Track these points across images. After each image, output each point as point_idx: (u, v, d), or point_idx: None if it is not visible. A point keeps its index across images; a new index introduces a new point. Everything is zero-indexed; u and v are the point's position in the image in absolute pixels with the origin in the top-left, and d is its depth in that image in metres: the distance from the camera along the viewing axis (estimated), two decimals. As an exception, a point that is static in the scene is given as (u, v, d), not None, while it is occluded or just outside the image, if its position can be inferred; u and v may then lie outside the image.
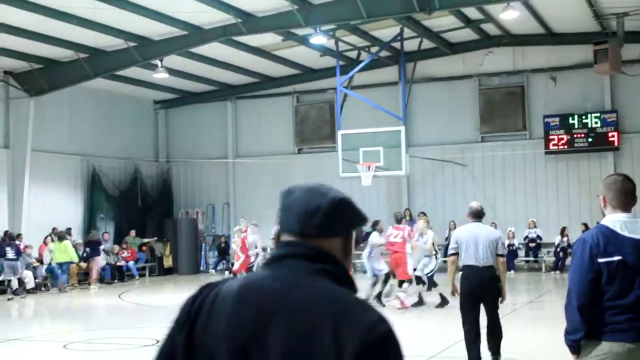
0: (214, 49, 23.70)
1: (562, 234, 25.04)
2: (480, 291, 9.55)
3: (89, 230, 26.92)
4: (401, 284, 16.53)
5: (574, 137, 25.59)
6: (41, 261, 23.54)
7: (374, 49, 24.88)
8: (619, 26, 22.21)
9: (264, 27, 21.60)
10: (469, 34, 25.22)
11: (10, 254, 21.52)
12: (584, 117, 25.48)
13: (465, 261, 9.63)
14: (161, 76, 24.74)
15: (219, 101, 30.59)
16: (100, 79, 24.64)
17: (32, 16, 19.57)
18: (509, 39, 25.51)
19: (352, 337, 1.89)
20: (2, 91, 24.64)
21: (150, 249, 28.61)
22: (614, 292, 4.56)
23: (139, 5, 19.73)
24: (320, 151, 28.80)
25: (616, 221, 4.68)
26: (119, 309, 19.70)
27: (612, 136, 25.19)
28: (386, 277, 16.89)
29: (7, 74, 24.55)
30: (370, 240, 17.09)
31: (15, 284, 21.52)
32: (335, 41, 23.76)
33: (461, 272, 9.87)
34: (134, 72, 25.50)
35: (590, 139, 25.44)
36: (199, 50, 23.70)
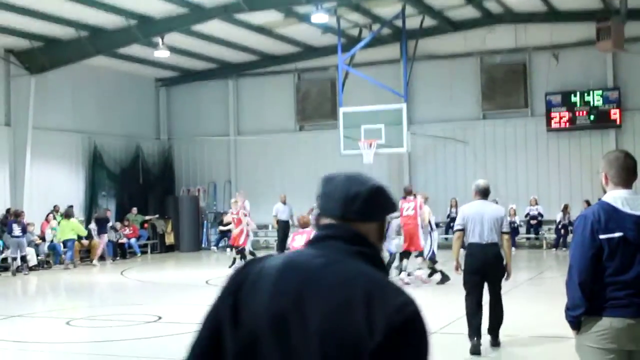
0: (215, 27, 23.62)
1: (564, 211, 25.07)
2: (484, 269, 9.55)
3: (91, 207, 27.01)
4: (402, 258, 16.62)
5: (576, 114, 25.57)
6: (43, 238, 23.60)
7: (375, 27, 24.80)
8: (622, 3, 22.11)
9: (266, 5, 21.54)
10: (470, 12, 25.10)
11: (17, 230, 21.62)
12: (586, 94, 25.44)
13: (470, 239, 9.62)
14: (162, 54, 24.71)
15: (220, 79, 30.53)
16: (101, 57, 24.60)
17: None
18: (511, 16, 25.39)
19: (382, 317, 2.02)
20: (3, 69, 24.60)
21: (152, 226, 28.68)
22: (614, 268, 4.57)
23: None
24: (321, 129, 28.78)
25: (617, 197, 4.69)
26: (121, 285, 19.79)
27: (614, 113, 25.17)
28: (392, 258, 16.98)
29: (8, 52, 24.49)
30: None
31: (18, 261, 21.63)
32: (336, 19, 23.68)
33: (465, 250, 9.89)
34: (135, 50, 25.46)
35: (592, 117, 25.42)
36: (200, 28, 23.62)
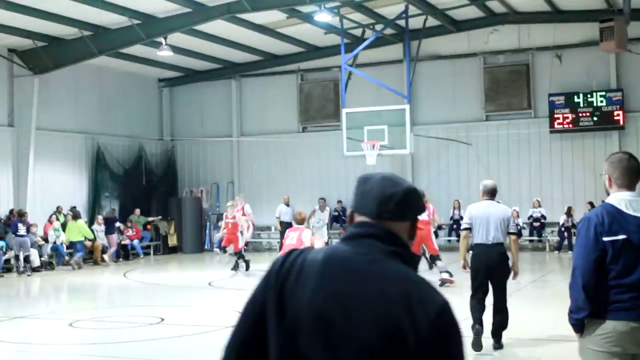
0: (218, 27, 23.62)
1: (568, 213, 25.00)
2: (489, 269, 9.57)
3: (94, 208, 27.00)
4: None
5: (579, 115, 25.51)
6: (46, 240, 23.60)
7: (378, 27, 24.77)
8: (626, 3, 22.03)
9: (268, 4, 21.52)
10: (474, 12, 25.09)
11: (22, 230, 21.73)
12: (589, 95, 25.39)
13: (476, 239, 9.66)
14: (165, 54, 24.74)
15: (223, 79, 30.51)
16: (104, 57, 24.59)
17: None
18: (514, 16, 25.36)
19: (424, 315, 2.16)
20: (6, 69, 24.61)
21: (154, 228, 28.68)
22: (618, 271, 4.55)
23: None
24: (324, 129, 28.74)
25: (621, 200, 4.67)
26: (124, 287, 19.77)
27: (618, 115, 25.11)
28: None
29: (11, 51, 24.50)
30: None
31: (22, 262, 21.64)
32: (339, 19, 23.66)
33: (471, 251, 9.89)
34: (138, 50, 25.46)
35: (595, 118, 25.36)
36: (203, 27, 23.61)
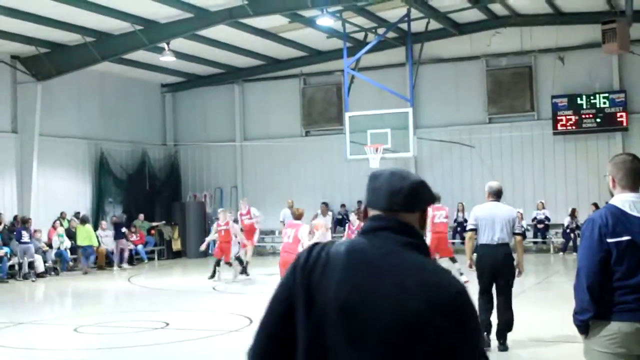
0: (221, 32, 23.64)
1: (572, 215, 24.97)
2: (494, 269, 9.61)
3: (98, 214, 27.02)
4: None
5: (582, 117, 25.50)
6: (50, 245, 23.62)
7: (380, 31, 24.78)
8: (628, 5, 22.03)
9: (271, 9, 21.53)
10: (476, 14, 25.08)
11: (25, 237, 21.85)
12: (592, 97, 25.37)
13: (481, 240, 9.74)
14: (168, 59, 24.76)
15: (226, 84, 30.55)
16: (107, 62, 24.62)
17: (38, 0, 19.55)
18: (516, 19, 25.37)
19: (444, 299, 2.33)
20: (9, 76, 24.64)
21: (158, 233, 28.67)
22: (622, 272, 4.55)
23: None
24: (327, 133, 28.76)
25: (625, 201, 4.67)
26: (128, 292, 19.79)
27: (621, 116, 25.09)
28: None
29: (14, 58, 24.54)
30: None
31: (26, 268, 21.69)
32: (342, 23, 23.67)
33: (476, 253, 9.91)
34: (140, 55, 25.50)
35: (598, 119, 25.34)
36: (205, 33, 23.64)
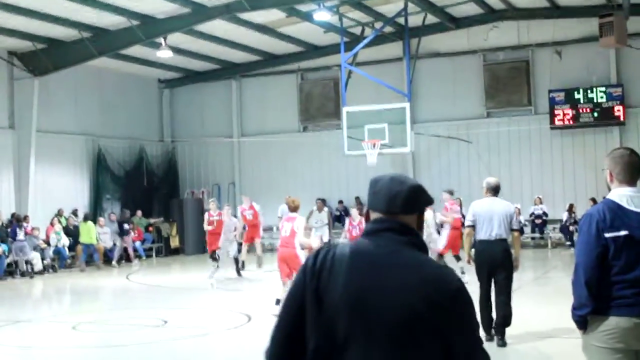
0: (218, 27, 23.62)
1: (570, 210, 24.98)
2: (492, 265, 9.66)
3: (96, 210, 26.98)
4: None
5: (580, 111, 25.49)
6: (48, 243, 23.59)
7: (378, 25, 24.76)
8: (625, -1, 22.03)
9: (268, 3, 21.51)
10: (473, 8, 25.06)
11: (20, 235, 21.79)
12: (589, 91, 25.36)
13: (479, 235, 9.80)
14: (165, 54, 24.73)
15: (223, 80, 30.51)
16: (104, 58, 24.60)
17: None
18: (513, 12, 25.33)
19: (446, 291, 2.57)
20: (6, 72, 24.60)
21: (156, 230, 28.64)
22: (620, 267, 4.54)
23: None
24: (325, 129, 28.75)
25: (622, 195, 4.65)
26: (126, 289, 19.78)
27: (618, 110, 25.08)
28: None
29: (11, 54, 24.50)
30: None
31: (23, 266, 21.67)
32: (339, 17, 23.65)
33: (474, 249, 9.97)
34: (138, 51, 25.47)
35: (595, 114, 25.34)
36: (202, 28, 23.61)
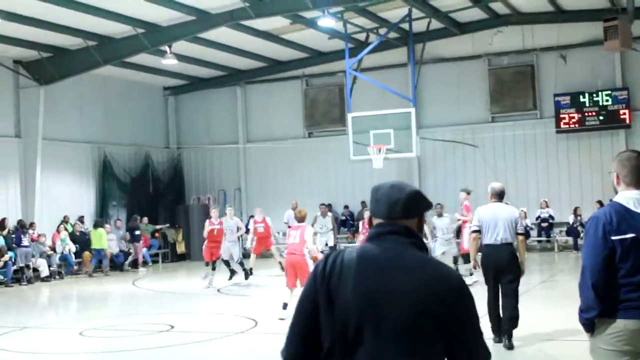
0: (222, 34, 23.66)
1: (575, 213, 24.96)
2: (498, 269, 9.75)
3: (102, 217, 27.02)
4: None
5: (585, 115, 25.46)
6: (54, 249, 23.64)
7: (382, 31, 24.78)
8: (629, 2, 22.02)
9: (272, 11, 21.54)
10: (477, 13, 25.07)
11: (25, 241, 21.89)
12: (594, 95, 25.34)
13: (485, 240, 9.91)
14: (170, 62, 24.78)
15: (228, 86, 30.57)
16: (109, 66, 24.65)
17: (40, 4, 19.59)
18: (517, 17, 25.34)
19: (449, 288, 2.75)
20: (12, 80, 24.69)
21: (162, 236, 28.68)
22: (627, 270, 4.53)
23: (146, -9, 19.74)
24: (330, 134, 28.76)
25: (629, 198, 4.65)
26: (133, 295, 19.78)
27: (624, 114, 25.06)
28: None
29: (16, 63, 24.58)
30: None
31: (30, 272, 21.72)
32: (343, 23, 23.67)
33: (481, 253, 10.04)
34: (143, 58, 25.53)
35: (601, 117, 25.30)
36: (207, 35, 23.66)
